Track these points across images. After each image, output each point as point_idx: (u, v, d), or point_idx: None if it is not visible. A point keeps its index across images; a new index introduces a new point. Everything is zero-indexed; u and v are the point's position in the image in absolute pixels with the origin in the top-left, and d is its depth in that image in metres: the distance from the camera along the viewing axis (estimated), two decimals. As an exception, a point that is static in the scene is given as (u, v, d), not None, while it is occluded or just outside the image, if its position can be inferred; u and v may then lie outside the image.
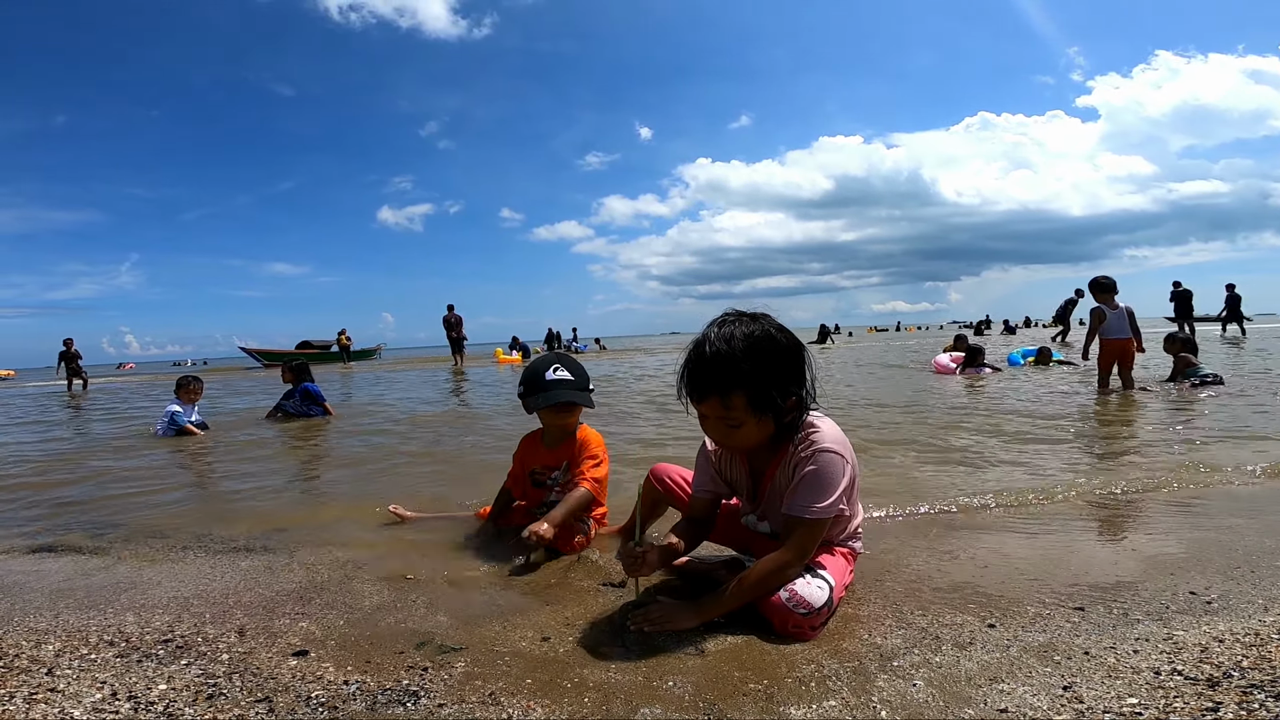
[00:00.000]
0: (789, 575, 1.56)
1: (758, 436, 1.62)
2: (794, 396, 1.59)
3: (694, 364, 1.57)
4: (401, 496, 3.02)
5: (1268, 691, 1.21)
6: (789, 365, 1.57)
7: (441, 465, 4.26)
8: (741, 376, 1.51)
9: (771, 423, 1.60)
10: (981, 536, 2.25)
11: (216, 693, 1.38)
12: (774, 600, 1.53)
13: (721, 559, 2.02)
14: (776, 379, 1.54)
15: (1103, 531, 2.32)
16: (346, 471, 4.24)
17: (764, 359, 1.53)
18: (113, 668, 1.51)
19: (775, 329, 1.57)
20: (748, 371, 1.51)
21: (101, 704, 1.35)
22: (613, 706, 1.28)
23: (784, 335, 1.59)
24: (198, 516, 3.04)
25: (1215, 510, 2.43)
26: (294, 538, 2.61)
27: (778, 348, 1.55)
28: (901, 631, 1.55)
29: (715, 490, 1.85)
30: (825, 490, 1.58)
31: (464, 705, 1.30)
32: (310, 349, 29.75)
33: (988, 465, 3.45)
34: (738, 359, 1.51)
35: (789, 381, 1.57)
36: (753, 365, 1.51)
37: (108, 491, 3.76)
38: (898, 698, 1.26)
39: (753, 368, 1.51)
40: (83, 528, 2.93)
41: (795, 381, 1.59)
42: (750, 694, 1.30)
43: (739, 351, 1.51)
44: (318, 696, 1.35)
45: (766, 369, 1.53)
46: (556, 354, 2.49)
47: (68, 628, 1.76)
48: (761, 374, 1.52)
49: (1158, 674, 1.30)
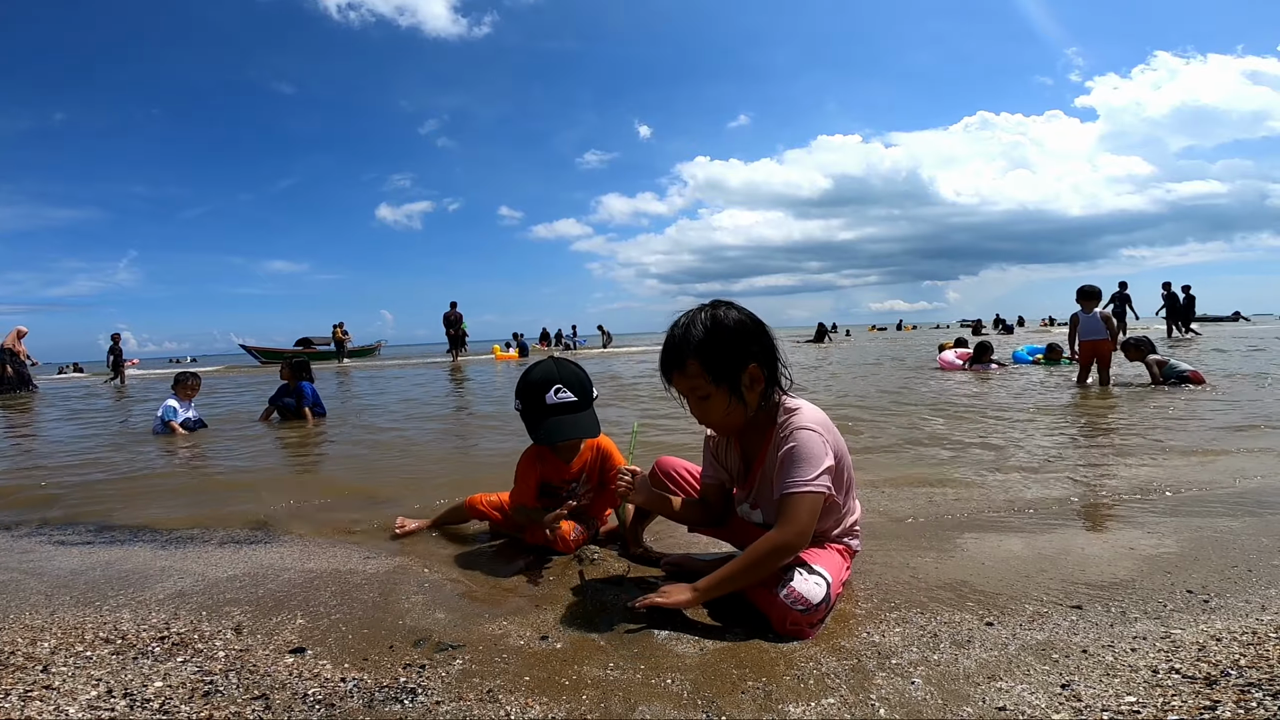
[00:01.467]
0: (786, 555, 1.58)
1: (727, 408, 1.69)
2: (753, 363, 1.68)
3: (663, 350, 1.73)
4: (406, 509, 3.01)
5: (1265, 690, 1.21)
6: (740, 336, 1.68)
7: (440, 464, 4.25)
8: (691, 345, 1.66)
9: (737, 395, 1.67)
10: (979, 534, 2.25)
11: (213, 690, 1.38)
12: (772, 596, 1.55)
13: (718, 555, 2.02)
14: (728, 346, 1.66)
15: (1100, 530, 2.32)
16: (344, 469, 4.23)
17: (714, 329, 1.67)
18: (108, 665, 1.51)
19: (725, 308, 1.70)
20: (697, 340, 1.66)
21: (97, 701, 1.35)
22: (611, 704, 1.27)
23: (735, 311, 1.70)
24: (193, 513, 3.03)
25: (1212, 509, 2.44)
26: (290, 535, 2.61)
27: (727, 319, 1.68)
28: (900, 629, 1.55)
29: (719, 478, 1.91)
30: (806, 464, 1.60)
31: (462, 702, 1.29)
32: (310, 347, 29.67)
33: (985, 461, 3.45)
34: (690, 333, 1.67)
35: (742, 350, 1.67)
36: (702, 334, 1.66)
37: (103, 487, 3.75)
38: (896, 695, 1.26)
39: (703, 337, 1.66)
40: (78, 524, 2.92)
41: (751, 354, 1.68)
42: (748, 691, 1.30)
43: (691, 326, 1.68)
44: (315, 694, 1.35)
45: (716, 337, 1.66)
46: (556, 362, 2.21)
47: (63, 624, 1.75)
48: (711, 342, 1.66)
49: (1155, 672, 1.30)
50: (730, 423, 1.73)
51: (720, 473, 1.90)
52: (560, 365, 2.20)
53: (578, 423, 2.14)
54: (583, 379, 2.19)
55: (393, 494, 3.26)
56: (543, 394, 2.12)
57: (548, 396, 2.12)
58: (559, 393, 2.12)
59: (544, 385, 2.13)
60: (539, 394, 2.12)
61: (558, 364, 2.20)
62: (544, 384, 2.13)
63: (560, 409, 2.12)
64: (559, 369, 2.18)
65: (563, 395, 2.12)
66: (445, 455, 4.58)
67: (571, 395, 2.13)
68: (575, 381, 2.16)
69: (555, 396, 2.12)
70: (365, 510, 2.93)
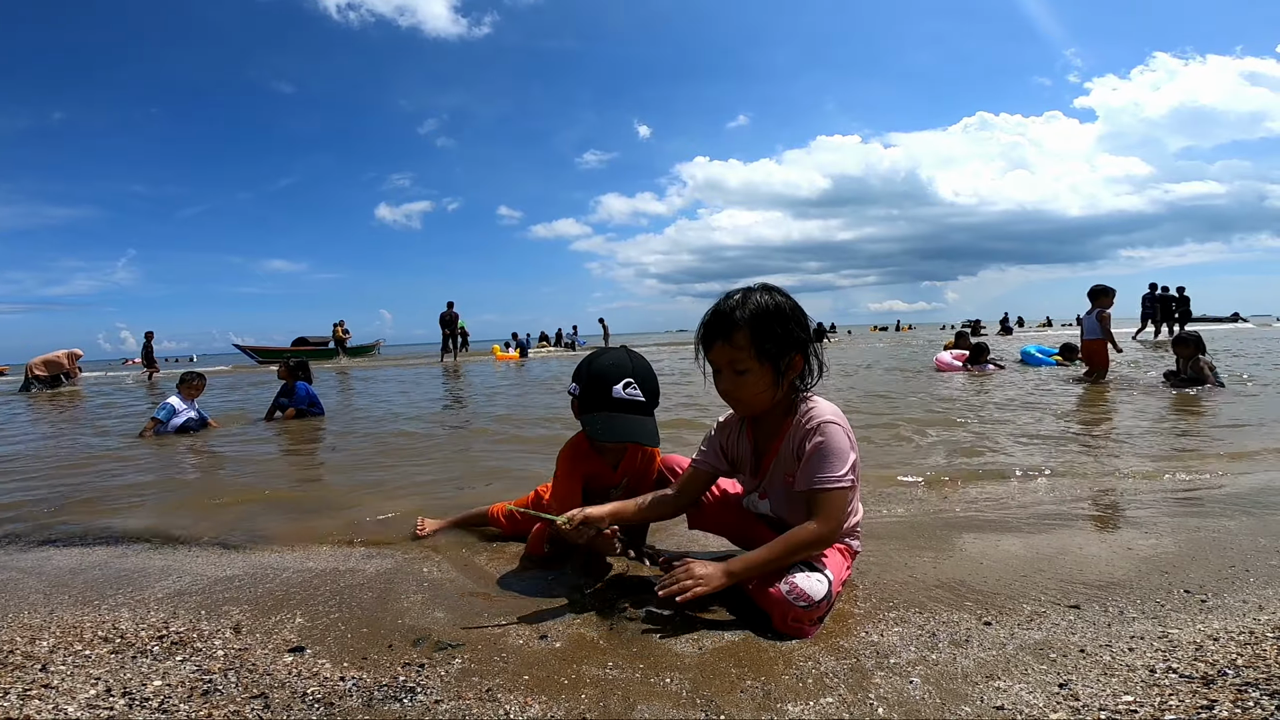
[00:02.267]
0: (820, 547, 1.63)
1: (762, 388, 1.69)
2: (798, 353, 1.70)
3: (709, 318, 1.73)
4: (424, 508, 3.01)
5: (1262, 690, 1.21)
6: (791, 319, 1.69)
7: (444, 464, 4.25)
8: (745, 319, 1.66)
9: (774, 378, 1.68)
10: (977, 534, 2.26)
11: (212, 689, 1.38)
12: (773, 592, 1.55)
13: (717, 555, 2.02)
14: (781, 327, 1.67)
15: (1097, 529, 2.32)
16: (344, 468, 4.23)
17: (772, 307, 1.69)
18: (107, 664, 1.51)
19: (780, 293, 1.73)
20: (753, 313, 1.67)
21: (96, 700, 1.35)
22: (610, 703, 1.28)
23: (789, 300, 1.72)
24: (192, 512, 3.03)
25: (1210, 509, 2.44)
26: (289, 534, 2.61)
27: (780, 302, 1.70)
28: (898, 629, 1.55)
29: (715, 466, 1.88)
30: (837, 459, 1.63)
31: (461, 701, 1.30)
32: (307, 345, 29.60)
33: (985, 462, 3.46)
34: (744, 308, 1.68)
35: (791, 336, 1.68)
36: (758, 309, 1.67)
37: (102, 486, 3.75)
38: (895, 695, 1.26)
39: (758, 311, 1.67)
40: (76, 523, 2.92)
41: (799, 341, 1.70)
42: (747, 691, 1.30)
43: (746, 300, 1.69)
44: (314, 693, 1.35)
45: (768, 315, 1.67)
46: (629, 354, 2.00)
47: (62, 624, 1.75)
48: (766, 318, 1.67)
49: (1153, 672, 1.30)
50: (758, 402, 1.73)
51: (720, 463, 1.88)
52: (634, 357, 2.00)
53: (642, 426, 1.94)
54: (655, 380, 2.01)
55: (389, 496, 3.26)
56: (611, 384, 1.91)
57: (615, 390, 1.91)
58: (629, 388, 1.92)
59: (615, 375, 1.92)
60: (607, 384, 1.92)
61: (631, 356, 2.00)
62: (615, 373, 1.93)
63: (627, 406, 1.92)
64: (633, 361, 1.98)
65: (632, 392, 1.92)
66: (449, 456, 4.58)
67: (641, 395, 1.94)
68: (649, 380, 1.98)
69: (625, 392, 1.91)
70: (363, 509, 2.93)
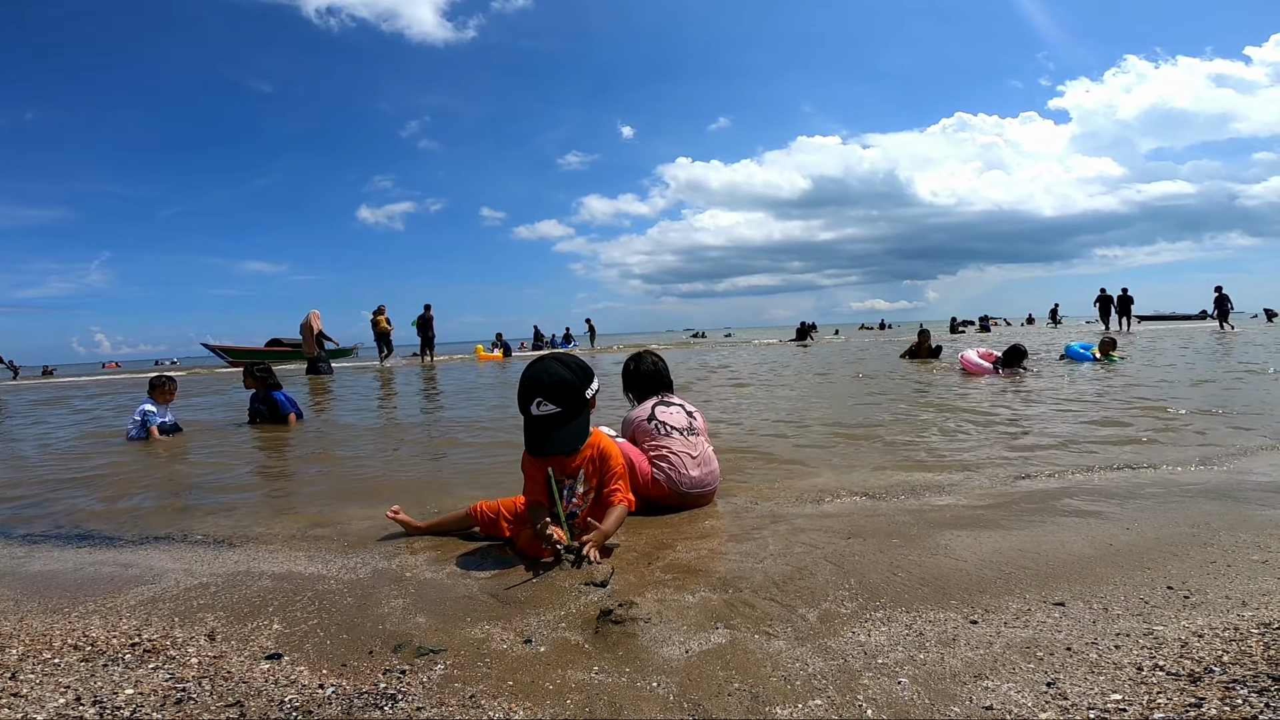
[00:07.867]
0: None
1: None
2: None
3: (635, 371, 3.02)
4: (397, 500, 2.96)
5: (1250, 687, 1.22)
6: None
7: (424, 468, 4.20)
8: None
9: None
10: (961, 532, 2.26)
11: (186, 698, 1.34)
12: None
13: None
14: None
15: (1080, 526, 2.34)
16: (321, 473, 4.17)
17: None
18: (77, 672, 1.46)
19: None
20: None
21: (65, 709, 1.30)
22: (596, 708, 1.25)
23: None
24: (166, 518, 2.96)
25: (1189, 504, 2.46)
26: (266, 539, 2.55)
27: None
28: (885, 629, 1.54)
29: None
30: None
31: (443, 708, 1.27)
32: (281, 347, 29.00)
33: (968, 458, 3.47)
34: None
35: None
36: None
37: (72, 492, 3.66)
38: (883, 696, 1.25)
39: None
40: (49, 527, 2.84)
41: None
42: (735, 694, 1.28)
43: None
44: (291, 700, 1.31)
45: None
46: (544, 366, 2.14)
47: (31, 631, 1.70)
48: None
49: (1140, 670, 1.30)
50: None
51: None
52: (548, 370, 2.13)
53: (562, 436, 2.11)
54: (569, 385, 2.12)
55: (382, 497, 3.21)
56: (526, 406, 2.11)
57: (531, 409, 2.10)
58: (541, 405, 2.09)
59: (527, 396, 2.11)
60: (524, 405, 2.12)
61: (546, 369, 2.14)
62: (527, 394, 2.11)
63: (543, 423, 2.10)
64: (546, 375, 2.12)
65: (546, 408, 2.09)
66: (427, 459, 4.52)
67: (553, 407, 2.09)
68: (560, 390, 2.10)
69: (538, 410, 2.09)
70: (341, 514, 2.89)
